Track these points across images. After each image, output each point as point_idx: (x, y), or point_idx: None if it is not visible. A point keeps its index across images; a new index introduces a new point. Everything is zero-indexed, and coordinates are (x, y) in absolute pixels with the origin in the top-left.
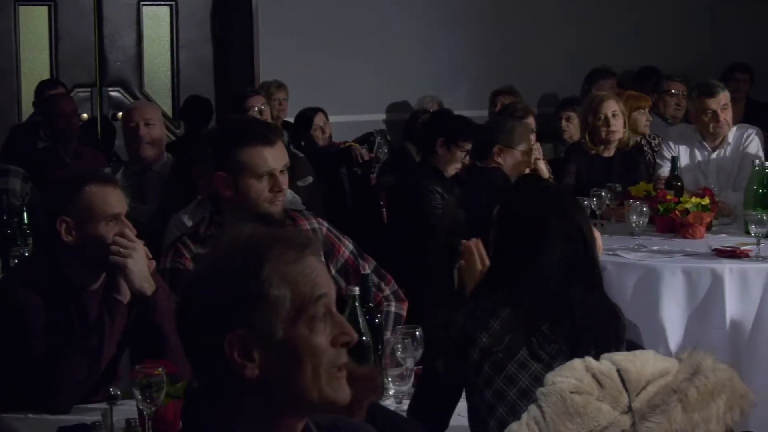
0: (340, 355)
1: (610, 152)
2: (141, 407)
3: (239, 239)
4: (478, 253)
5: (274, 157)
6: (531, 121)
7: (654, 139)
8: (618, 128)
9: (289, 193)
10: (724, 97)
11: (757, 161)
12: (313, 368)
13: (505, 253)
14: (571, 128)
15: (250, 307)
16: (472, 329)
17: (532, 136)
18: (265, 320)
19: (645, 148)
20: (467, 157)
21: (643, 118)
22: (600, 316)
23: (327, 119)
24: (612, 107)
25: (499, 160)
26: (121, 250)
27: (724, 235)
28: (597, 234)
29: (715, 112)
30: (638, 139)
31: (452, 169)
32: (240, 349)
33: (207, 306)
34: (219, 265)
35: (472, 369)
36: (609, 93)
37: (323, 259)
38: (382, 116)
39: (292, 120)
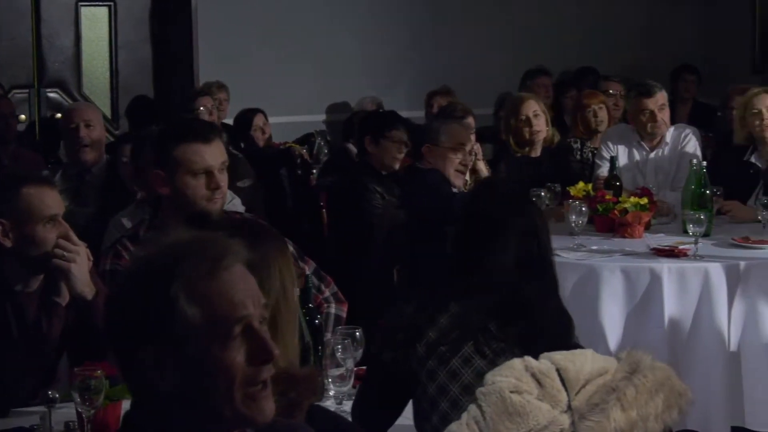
0: (260, 373)
1: (536, 152)
2: (80, 410)
3: (153, 252)
4: None
5: (211, 154)
6: (471, 121)
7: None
8: (541, 128)
9: (229, 195)
10: (661, 97)
11: (694, 161)
12: (225, 387)
13: (461, 250)
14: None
15: (159, 323)
16: (421, 323)
17: (469, 135)
18: (175, 337)
19: (575, 146)
20: (401, 149)
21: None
22: (556, 321)
23: (267, 120)
24: (533, 107)
25: (430, 159)
26: (65, 254)
27: (662, 235)
28: None
29: (652, 112)
30: (569, 140)
31: (391, 165)
32: (153, 364)
33: (121, 320)
34: (131, 279)
35: (417, 363)
36: (528, 93)
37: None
38: (322, 117)
39: (230, 121)
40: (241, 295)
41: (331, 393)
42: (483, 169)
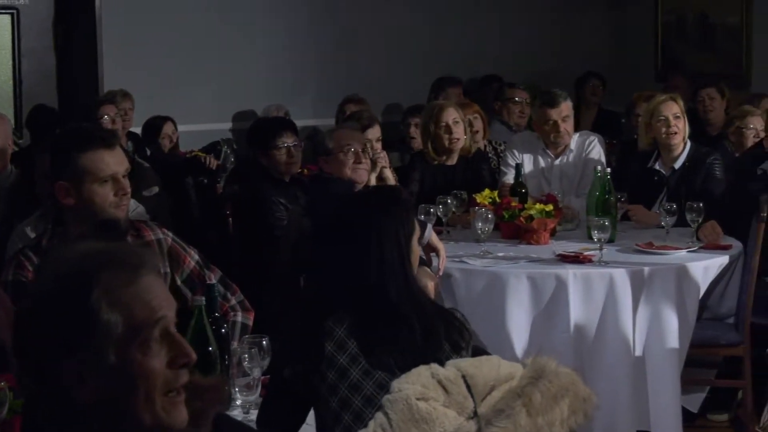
0: (179, 377)
1: (452, 160)
2: None
3: (68, 262)
4: None
5: (116, 160)
6: (376, 129)
7: (500, 145)
8: (460, 136)
9: (133, 203)
10: (565, 107)
11: (599, 167)
12: (146, 392)
13: (336, 260)
14: (418, 136)
15: (79, 332)
16: (318, 337)
17: (355, 134)
18: (96, 346)
19: (490, 155)
20: (293, 151)
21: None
22: (440, 319)
23: (176, 128)
24: (452, 115)
25: (328, 170)
26: None
27: (567, 241)
28: (440, 245)
29: (556, 122)
30: (482, 146)
31: (288, 171)
32: (72, 373)
33: (38, 333)
34: (47, 291)
35: (318, 377)
36: (448, 101)
37: (167, 270)
38: (228, 125)
39: (135, 130)
40: (158, 299)
41: (238, 402)
42: (390, 177)
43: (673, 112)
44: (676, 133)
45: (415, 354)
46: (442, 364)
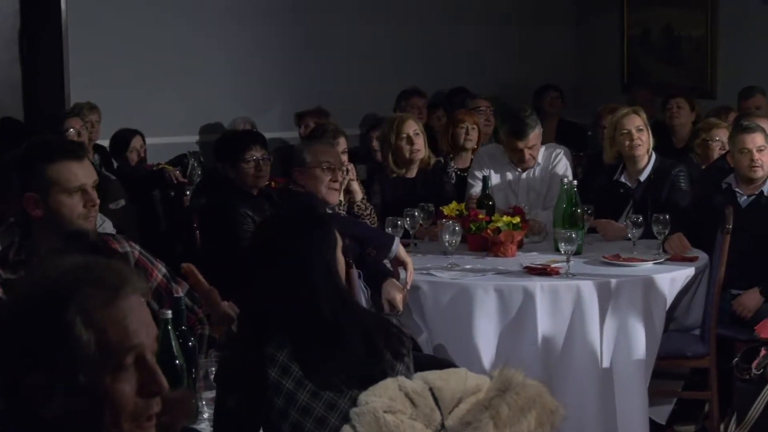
0: (149, 406)
1: (412, 173)
2: None
3: (48, 275)
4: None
5: (84, 172)
6: (342, 141)
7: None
8: (420, 147)
9: (99, 218)
10: (534, 137)
11: (565, 180)
12: (113, 417)
13: (267, 285)
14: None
15: (50, 347)
16: (260, 365)
17: (336, 153)
18: (66, 363)
19: (449, 169)
20: (261, 165)
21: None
22: (377, 328)
23: (144, 142)
24: (413, 126)
25: (301, 182)
26: None
27: (534, 253)
28: (408, 258)
29: (522, 151)
30: (441, 159)
31: (257, 184)
32: (40, 388)
33: (10, 344)
34: (23, 304)
35: (265, 404)
36: (408, 113)
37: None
38: (195, 138)
39: (102, 143)
40: (136, 325)
41: (206, 416)
42: (357, 189)
43: (636, 125)
44: (639, 145)
45: (358, 368)
46: (385, 374)
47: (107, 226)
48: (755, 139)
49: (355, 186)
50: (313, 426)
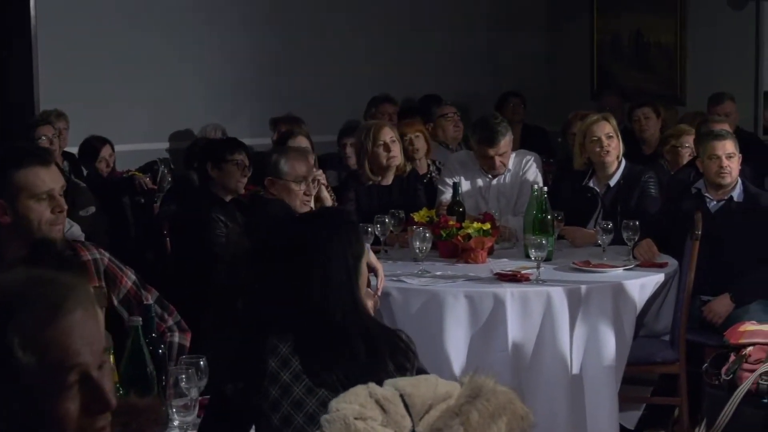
0: (95, 422)
1: (388, 180)
2: None
3: None
4: None
5: (52, 177)
6: (307, 147)
7: (443, 164)
8: (397, 154)
9: (66, 223)
10: (504, 144)
11: (535, 186)
12: None
13: (281, 279)
14: (354, 155)
15: None
16: (261, 353)
17: (311, 164)
18: (7, 385)
19: (433, 174)
20: (245, 172)
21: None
22: (385, 340)
23: (113, 151)
24: (389, 134)
25: (273, 191)
26: None
27: (505, 260)
28: (379, 264)
29: (492, 158)
30: (426, 164)
31: (235, 189)
32: None
33: None
34: None
35: (260, 394)
36: (384, 121)
37: (105, 291)
38: (165, 145)
39: (71, 149)
40: (78, 344)
41: (176, 423)
42: (327, 196)
43: (606, 131)
44: (609, 152)
45: (358, 373)
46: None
47: (75, 231)
48: (725, 146)
49: (325, 193)
50: (303, 421)
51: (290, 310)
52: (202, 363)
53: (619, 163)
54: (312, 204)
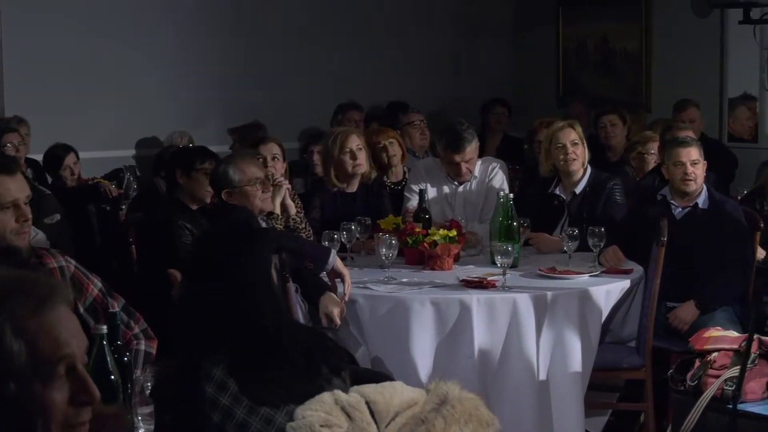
0: (80, 414)
1: (353, 187)
2: None
3: None
4: None
5: (17, 186)
6: (271, 146)
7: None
8: (363, 162)
9: (32, 231)
10: (470, 150)
11: (501, 193)
12: (44, 427)
13: (208, 299)
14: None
15: None
16: (196, 380)
17: (259, 162)
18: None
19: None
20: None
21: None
22: (315, 344)
23: (77, 159)
24: (356, 141)
25: (233, 201)
26: None
27: (471, 266)
28: (345, 270)
29: (459, 164)
30: (402, 171)
31: (202, 198)
32: None
33: None
34: None
35: (201, 421)
36: (351, 128)
37: (71, 301)
38: (131, 152)
39: (35, 156)
40: (66, 335)
41: (141, 431)
42: (291, 204)
43: (571, 138)
44: (574, 159)
45: (296, 383)
46: (322, 389)
47: (40, 238)
48: (690, 153)
49: (290, 200)
50: None
51: (220, 330)
52: None
53: (585, 170)
54: (278, 209)
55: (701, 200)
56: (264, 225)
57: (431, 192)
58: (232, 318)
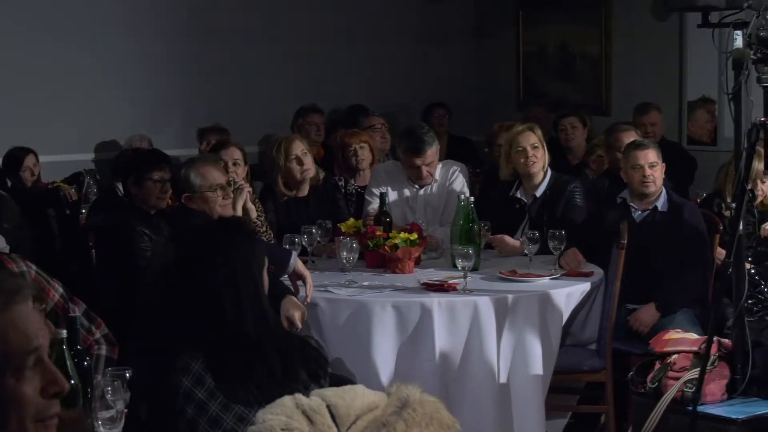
0: (50, 406)
1: (303, 192)
2: None
3: None
4: None
5: None
6: (232, 150)
7: None
8: (310, 166)
9: None
10: (431, 154)
11: (462, 196)
12: (18, 420)
13: (189, 295)
14: None
15: None
16: (173, 373)
17: (220, 167)
18: None
19: (339, 183)
20: (166, 187)
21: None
22: (296, 348)
23: (37, 161)
24: (300, 147)
25: (193, 206)
26: None
27: (432, 270)
28: (307, 272)
29: (419, 168)
30: (335, 177)
31: (157, 205)
32: None
33: None
34: None
35: (174, 414)
36: (294, 134)
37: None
38: (91, 156)
39: None
40: (33, 327)
41: None
42: (252, 207)
43: (531, 142)
44: (534, 162)
45: (272, 386)
46: (301, 393)
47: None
48: (647, 156)
49: (250, 204)
50: None
51: (200, 326)
52: (128, 375)
53: (545, 173)
54: (239, 212)
55: (660, 203)
56: None
57: (392, 195)
58: (212, 315)
